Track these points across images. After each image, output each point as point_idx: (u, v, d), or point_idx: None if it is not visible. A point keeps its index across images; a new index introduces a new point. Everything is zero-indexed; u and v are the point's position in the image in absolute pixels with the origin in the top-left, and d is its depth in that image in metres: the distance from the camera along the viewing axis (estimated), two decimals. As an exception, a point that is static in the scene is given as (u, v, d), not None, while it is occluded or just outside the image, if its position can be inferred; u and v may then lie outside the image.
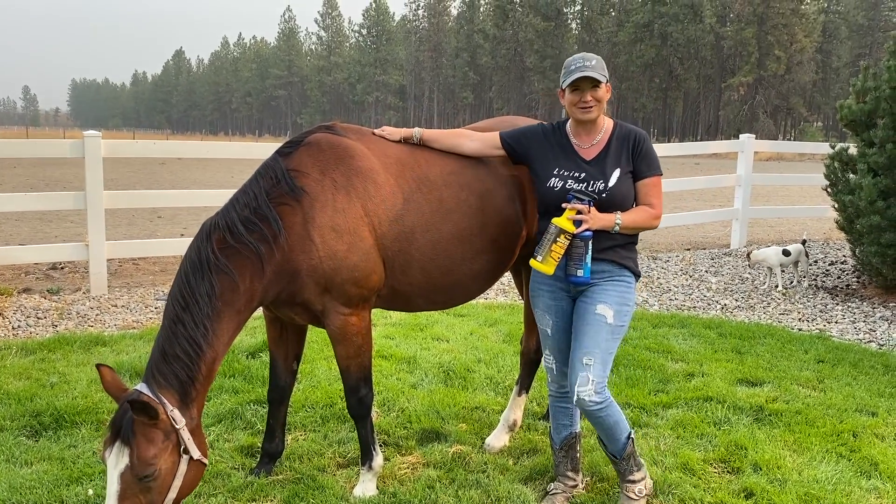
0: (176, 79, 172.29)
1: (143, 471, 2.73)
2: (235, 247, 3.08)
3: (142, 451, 2.73)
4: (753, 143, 11.30)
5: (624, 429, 3.25)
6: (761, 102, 68.44)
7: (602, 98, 3.18)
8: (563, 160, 3.26)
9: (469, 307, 7.16)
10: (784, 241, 11.14)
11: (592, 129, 3.26)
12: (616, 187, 3.16)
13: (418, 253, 3.40)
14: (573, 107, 3.20)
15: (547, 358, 3.45)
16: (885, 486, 3.67)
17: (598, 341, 3.14)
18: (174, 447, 2.84)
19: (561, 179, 3.22)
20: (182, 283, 3.04)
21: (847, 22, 78.75)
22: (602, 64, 3.17)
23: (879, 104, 7.72)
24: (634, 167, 3.22)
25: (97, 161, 7.37)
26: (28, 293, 7.51)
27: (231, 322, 3.08)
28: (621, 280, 3.22)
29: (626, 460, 3.31)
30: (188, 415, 2.91)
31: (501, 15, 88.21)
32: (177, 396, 2.90)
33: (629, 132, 3.26)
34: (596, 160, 3.22)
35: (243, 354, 5.43)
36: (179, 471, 2.85)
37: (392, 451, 3.98)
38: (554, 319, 3.34)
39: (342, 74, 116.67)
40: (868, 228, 7.54)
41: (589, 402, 3.09)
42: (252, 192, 3.19)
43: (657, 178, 3.25)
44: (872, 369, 5.49)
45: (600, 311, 3.16)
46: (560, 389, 3.44)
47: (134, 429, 2.74)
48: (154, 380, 2.90)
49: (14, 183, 20.21)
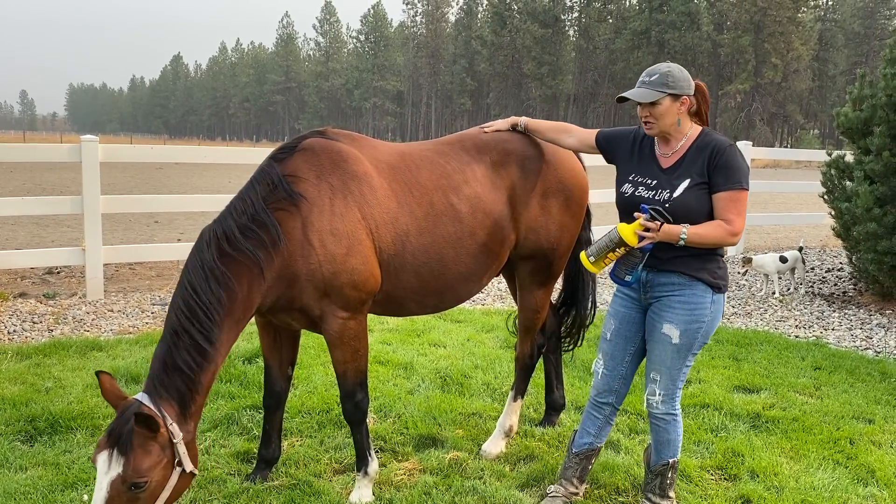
0: (174, 84, 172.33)
1: (135, 482, 2.71)
2: (233, 255, 3.06)
3: (137, 463, 2.71)
4: (750, 151, 11.33)
5: (672, 450, 3.25)
6: (758, 110, 68.69)
7: (661, 114, 3.04)
8: (641, 166, 3.20)
9: (466, 313, 7.16)
10: (781, 249, 11.15)
11: (673, 137, 3.13)
12: (680, 199, 3.01)
13: (411, 256, 3.42)
14: (641, 120, 3.15)
15: (597, 362, 3.39)
16: (881, 493, 3.67)
17: (664, 360, 3.14)
18: (169, 461, 2.82)
19: (633, 185, 3.17)
20: (187, 292, 3.00)
21: (843, 30, 79.10)
22: (668, 77, 3.03)
23: (876, 112, 7.74)
24: (710, 179, 3.01)
25: (94, 166, 7.36)
26: (24, 297, 7.49)
27: (231, 332, 3.07)
28: (692, 294, 3.07)
29: (655, 476, 3.30)
30: (186, 428, 2.89)
31: (499, 21, 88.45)
32: (176, 409, 2.88)
33: (709, 142, 3.07)
34: (671, 169, 3.10)
35: (239, 360, 5.42)
36: (170, 483, 2.83)
37: (389, 457, 3.97)
38: (617, 325, 3.31)
39: (340, 80, 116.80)
40: (865, 236, 7.55)
41: (654, 407, 3.20)
42: (249, 199, 3.18)
43: (738, 193, 2.99)
44: (869, 376, 5.49)
45: (666, 331, 3.11)
46: (598, 397, 3.38)
47: (133, 440, 2.71)
48: (156, 391, 2.87)
49: (11, 187, 20.18)
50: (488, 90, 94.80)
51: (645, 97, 3.03)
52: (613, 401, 3.36)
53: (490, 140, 3.81)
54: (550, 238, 3.85)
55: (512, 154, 3.79)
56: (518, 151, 3.80)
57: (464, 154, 3.72)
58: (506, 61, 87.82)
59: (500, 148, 3.78)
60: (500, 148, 3.79)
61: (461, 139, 3.84)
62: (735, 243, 3.08)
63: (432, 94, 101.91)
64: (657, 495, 3.30)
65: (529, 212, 3.78)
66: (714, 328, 3.16)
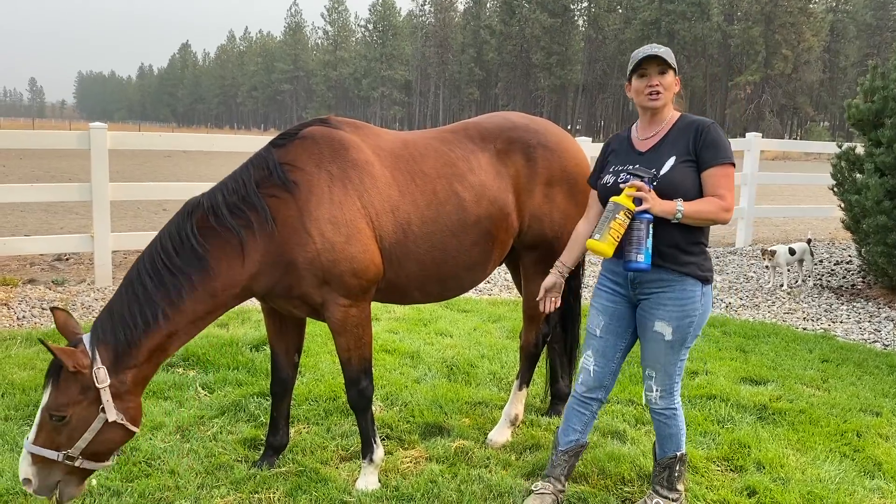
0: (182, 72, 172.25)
1: (53, 413, 2.88)
2: (217, 229, 3.11)
3: (57, 396, 2.89)
4: (760, 142, 11.28)
5: (676, 444, 3.24)
6: (767, 101, 68.26)
7: (670, 85, 3.03)
8: (619, 159, 3.17)
9: (472, 303, 7.16)
10: (789, 240, 11.11)
11: (657, 119, 3.11)
12: (669, 175, 2.96)
13: (414, 245, 3.41)
14: (640, 95, 3.05)
15: (586, 358, 3.30)
16: (888, 486, 3.66)
17: (658, 357, 3.11)
18: (91, 402, 2.92)
19: (614, 175, 3.11)
20: (156, 252, 3.09)
21: (855, 21, 78.41)
22: (668, 53, 3.03)
23: (887, 104, 7.69)
24: (698, 156, 2.98)
25: (103, 153, 7.38)
26: (33, 284, 7.53)
27: (202, 303, 3.09)
28: (682, 290, 3.02)
29: (662, 470, 3.28)
30: (118, 378, 2.96)
31: (508, 11, 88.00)
32: (111, 357, 2.96)
33: (692, 122, 3.07)
34: (651, 151, 3.07)
35: (247, 347, 5.44)
36: (92, 427, 2.92)
37: (395, 445, 3.98)
38: (606, 321, 3.23)
39: (348, 69, 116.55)
40: (874, 228, 7.51)
41: (654, 403, 3.20)
42: (241, 180, 3.21)
43: (727, 168, 2.97)
44: (877, 369, 5.48)
45: (658, 328, 3.06)
46: (586, 393, 3.30)
47: (59, 373, 2.89)
48: (95, 333, 2.99)
49: (20, 174, 20.27)
50: (496, 80, 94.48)
51: (669, 57, 3.01)
52: (602, 396, 3.30)
53: (495, 128, 3.80)
54: (554, 227, 3.83)
55: (517, 142, 3.78)
56: (523, 140, 3.80)
57: (468, 142, 3.72)
58: (514, 51, 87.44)
59: (504, 136, 3.77)
60: (505, 136, 3.78)
61: (466, 127, 3.83)
62: (728, 220, 2.99)
63: (440, 83, 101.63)
64: (665, 488, 3.28)
65: (533, 200, 3.78)
66: (705, 320, 3.14)
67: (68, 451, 2.91)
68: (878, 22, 77.59)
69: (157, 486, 3.44)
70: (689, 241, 3.01)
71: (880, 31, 76.55)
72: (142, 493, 3.37)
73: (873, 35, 77.56)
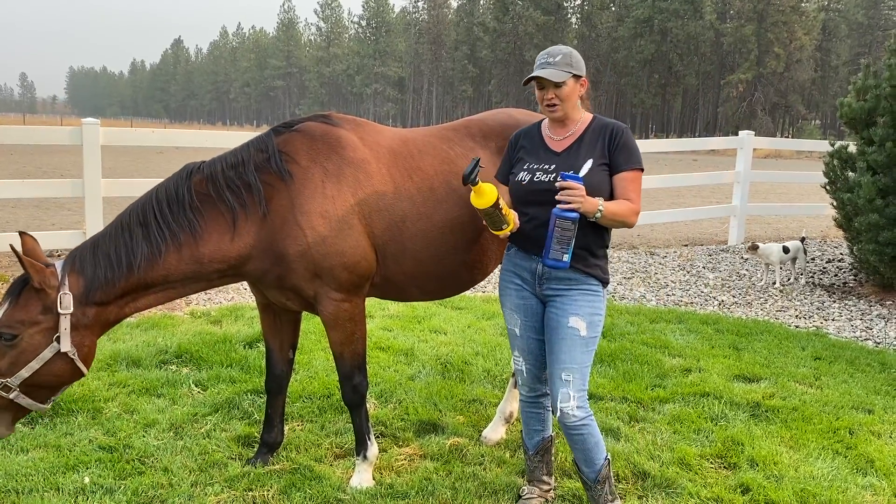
0: (174, 68, 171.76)
1: (5, 328, 2.79)
2: (212, 196, 3.13)
3: (13, 311, 2.82)
4: (752, 140, 11.30)
5: (602, 451, 3.11)
6: (760, 100, 68.47)
7: (567, 96, 3.03)
8: (533, 154, 3.15)
9: (467, 300, 7.16)
10: (782, 239, 11.14)
11: (566, 123, 3.13)
12: (588, 178, 2.95)
13: (410, 242, 3.41)
14: (541, 104, 3.09)
15: (516, 360, 3.28)
16: (880, 482, 3.68)
17: (575, 356, 3.02)
18: (48, 329, 2.85)
19: (529, 173, 3.09)
20: (150, 204, 3.10)
21: (847, 20, 78.71)
22: (570, 58, 3.03)
23: (879, 102, 7.72)
24: (611, 160, 3.02)
25: (95, 149, 7.34)
26: (24, 280, 7.48)
27: (187, 265, 3.09)
28: (588, 289, 3.04)
29: (602, 484, 3.15)
30: (81, 309, 2.92)
31: (501, 8, 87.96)
32: (81, 286, 2.93)
33: (606, 125, 3.09)
34: (567, 152, 3.07)
35: (241, 344, 5.43)
36: (42, 354, 2.84)
37: (389, 443, 3.98)
38: (523, 319, 3.20)
39: (341, 66, 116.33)
40: (866, 226, 7.55)
41: (572, 417, 2.99)
42: (241, 158, 3.23)
43: (636, 173, 3.03)
44: (869, 367, 5.50)
45: (573, 324, 3.01)
46: (531, 393, 3.30)
47: (20, 292, 2.83)
48: (71, 260, 2.97)
49: (11, 170, 20.14)
50: (490, 77, 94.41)
51: (556, 77, 3.00)
52: (546, 389, 3.26)
53: (497, 125, 3.80)
54: None
55: None
56: None
57: (469, 140, 3.71)
58: (508, 48, 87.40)
59: (505, 134, 3.76)
60: (506, 134, 3.76)
61: (468, 125, 3.82)
62: (635, 223, 3.04)
63: (434, 80, 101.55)
64: (611, 501, 3.19)
65: None
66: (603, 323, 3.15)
67: (7, 379, 2.82)
68: (869, 21, 77.91)
69: (151, 483, 3.42)
70: (598, 245, 3.08)
71: (872, 30, 76.89)
72: (135, 490, 3.36)
73: (865, 34, 77.89)
